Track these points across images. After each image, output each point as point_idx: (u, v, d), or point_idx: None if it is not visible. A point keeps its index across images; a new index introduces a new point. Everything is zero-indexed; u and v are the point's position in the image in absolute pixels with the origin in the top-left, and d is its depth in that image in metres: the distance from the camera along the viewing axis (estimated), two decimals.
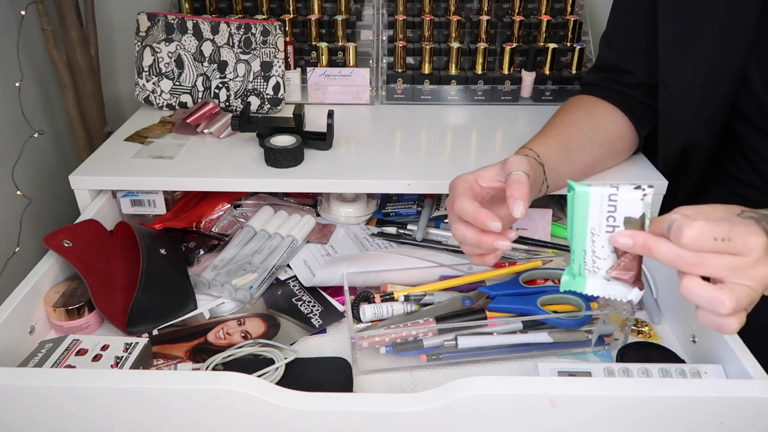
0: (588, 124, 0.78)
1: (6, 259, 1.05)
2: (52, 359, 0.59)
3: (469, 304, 0.67)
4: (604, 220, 0.49)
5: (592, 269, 0.51)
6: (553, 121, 0.79)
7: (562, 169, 0.73)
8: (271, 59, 0.99)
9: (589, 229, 0.50)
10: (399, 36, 1.08)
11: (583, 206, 0.50)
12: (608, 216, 0.49)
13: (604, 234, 0.49)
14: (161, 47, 0.99)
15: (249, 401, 0.50)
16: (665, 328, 0.70)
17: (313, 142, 0.87)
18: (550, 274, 0.72)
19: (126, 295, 0.69)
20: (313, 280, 0.74)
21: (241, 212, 0.90)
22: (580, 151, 0.76)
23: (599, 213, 0.49)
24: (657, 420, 0.52)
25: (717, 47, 0.70)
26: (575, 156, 0.75)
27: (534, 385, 0.50)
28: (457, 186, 0.60)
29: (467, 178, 0.60)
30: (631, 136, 0.81)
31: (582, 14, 1.11)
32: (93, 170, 0.81)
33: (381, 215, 0.91)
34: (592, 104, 0.81)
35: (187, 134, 0.93)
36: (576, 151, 0.75)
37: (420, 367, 0.64)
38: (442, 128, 0.97)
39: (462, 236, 0.58)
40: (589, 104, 0.81)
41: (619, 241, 0.48)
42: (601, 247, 0.50)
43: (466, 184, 0.59)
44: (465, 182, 0.59)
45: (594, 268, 0.51)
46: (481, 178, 0.60)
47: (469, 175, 0.60)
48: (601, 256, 0.50)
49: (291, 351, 0.64)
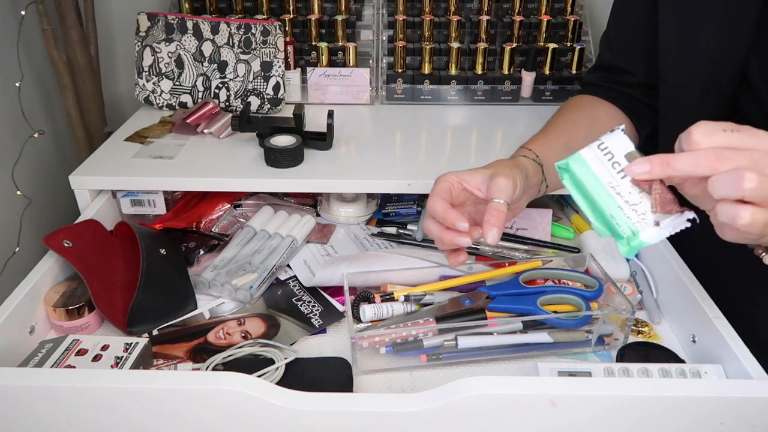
0: (589, 124, 0.78)
1: (6, 259, 1.05)
2: (52, 359, 0.59)
3: (469, 304, 0.67)
4: (611, 168, 0.48)
5: (638, 220, 0.49)
6: (554, 120, 0.79)
7: None
8: (271, 59, 0.99)
9: (607, 186, 0.49)
10: (399, 36, 1.08)
11: (586, 171, 0.49)
12: (612, 163, 0.48)
13: (622, 181, 0.48)
14: (161, 47, 0.99)
15: (249, 401, 0.50)
16: (665, 328, 0.70)
17: (313, 142, 0.87)
18: (550, 274, 0.72)
19: (126, 295, 0.69)
20: (313, 280, 0.74)
21: (241, 212, 0.90)
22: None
23: (603, 166, 0.49)
24: (657, 420, 0.52)
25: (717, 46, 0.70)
26: None
27: (534, 385, 0.50)
28: (436, 184, 0.62)
29: (450, 179, 0.62)
30: (632, 135, 0.81)
31: (582, 14, 1.11)
32: (93, 170, 0.82)
33: (381, 215, 0.91)
34: (593, 104, 0.81)
35: (187, 134, 0.93)
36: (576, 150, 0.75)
37: (420, 367, 0.64)
38: (442, 128, 0.97)
39: (429, 230, 0.62)
40: (590, 104, 0.81)
41: (636, 172, 0.47)
42: (629, 194, 0.49)
43: (445, 185, 0.62)
44: (446, 182, 0.62)
45: (639, 217, 0.49)
46: (466, 182, 0.62)
47: (453, 175, 0.62)
48: (635, 201, 0.49)
49: (291, 351, 0.64)
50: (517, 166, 0.65)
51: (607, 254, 0.77)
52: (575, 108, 0.81)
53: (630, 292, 0.72)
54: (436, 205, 0.60)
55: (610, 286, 0.68)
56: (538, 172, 0.68)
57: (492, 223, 0.57)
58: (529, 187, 0.67)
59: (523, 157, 0.69)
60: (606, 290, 0.68)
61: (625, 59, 0.80)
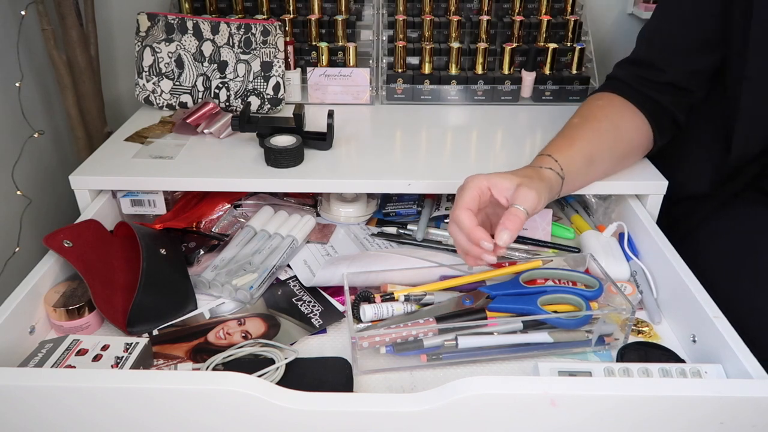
0: (615, 135, 0.78)
1: (6, 259, 1.05)
2: (53, 359, 0.59)
3: (469, 304, 0.67)
4: None
5: None
6: (580, 126, 0.78)
7: (579, 179, 0.74)
8: (271, 59, 0.99)
9: None
10: (399, 36, 1.08)
11: None
12: None
13: None
14: (161, 47, 0.99)
15: (249, 401, 0.50)
16: (665, 328, 0.70)
17: (313, 142, 0.87)
18: (551, 274, 0.72)
19: (126, 295, 0.69)
20: (313, 280, 0.74)
21: (241, 212, 0.90)
22: (600, 162, 0.76)
23: None
24: (657, 420, 0.52)
25: None
26: (595, 167, 0.76)
27: (534, 385, 0.50)
28: (465, 191, 0.62)
29: (481, 185, 0.62)
30: (649, 144, 0.81)
31: (582, 14, 1.11)
32: (93, 170, 0.81)
33: (381, 215, 0.91)
34: (619, 112, 0.80)
35: (187, 134, 0.93)
36: (597, 162, 0.75)
37: (420, 367, 0.64)
38: (442, 128, 0.97)
39: (455, 238, 0.63)
40: (616, 112, 0.80)
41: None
42: None
43: (474, 193, 0.62)
44: (475, 189, 0.62)
45: None
46: (495, 188, 0.63)
47: (484, 180, 0.63)
48: None
49: (291, 351, 0.64)
50: (543, 180, 0.66)
51: (608, 254, 0.77)
52: (601, 114, 0.80)
53: (630, 292, 0.72)
54: (464, 219, 0.61)
55: (610, 286, 0.68)
56: (558, 185, 0.69)
57: (506, 225, 0.59)
58: (549, 199, 0.67)
59: (549, 169, 0.69)
60: (606, 290, 0.68)
61: (661, 56, 0.79)
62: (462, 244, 0.64)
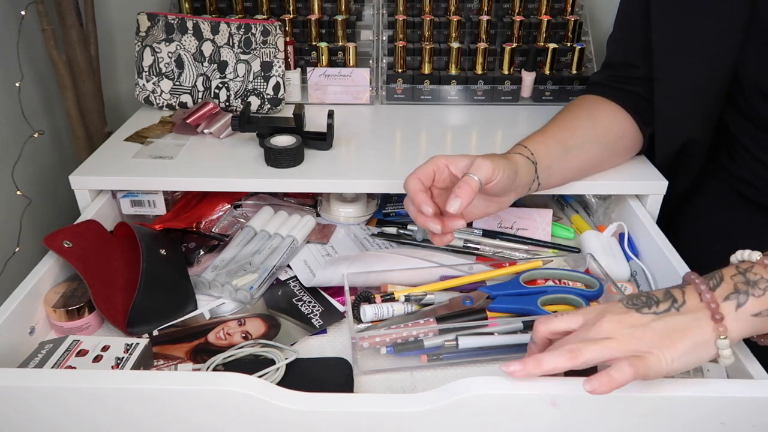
0: (588, 122, 0.78)
1: (6, 259, 1.05)
2: (53, 360, 0.58)
3: (469, 305, 0.67)
4: None
5: None
6: (554, 119, 0.80)
7: (557, 167, 0.73)
8: (271, 59, 0.99)
9: None
10: (399, 36, 1.08)
11: None
12: None
13: None
14: (161, 47, 0.99)
15: (250, 402, 0.50)
16: None
17: (313, 142, 0.87)
18: (551, 274, 0.72)
19: (126, 296, 0.69)
20: (314, 280, 0.74)
21: (241, 212, 0.90)
22: (578, 149, 0.76)
23: None
24: (657, 420, 0.52)
25: (710, 45, 0.70)
26: (572, 154, 0.75)
27: (535, 385, 0.50)
28: (421, 165, 0.64)
29: (438, 162, 0.64)
30: (634, 135, 0.81)
31: (582, 14, 1.11)
32: (93, 170, 0.81)
33: (381, 215, 0.91)
34: (596, 103, 0.81)
35: (187, 134, 0.93)
36: (573, 148, 0.75)
37: (421, 368, 0.64)
38: (442, 128, 0.97)
39: (408, 210, 0.65)
40: (593, 103, 0.81)
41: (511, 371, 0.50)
42: None
43: (429, 167, 0.64)
44: (431, 163, 0.64)
45: None
46: (452, 164, 0.64)
47: (443, 158, 0.64)
48: None
49: (291, 351, 0.64)
50: (507, 159, 0.66)
51: (608, 254, 0.77)
52: (577, 107, 0.81)
53: (630, 292, 0.72)
54: (410, 184, 0.63)
55: (610, 286, 0.68)
56: (530, 171, 0.69)
57: (457, 194, 0.60)
58: (518, 184, 0.67)
59: (518, 154, 0.69)
60: (606, 290, 0.68)
61: (630, 53, 0.80)
62: (412, 214, 0.64)
